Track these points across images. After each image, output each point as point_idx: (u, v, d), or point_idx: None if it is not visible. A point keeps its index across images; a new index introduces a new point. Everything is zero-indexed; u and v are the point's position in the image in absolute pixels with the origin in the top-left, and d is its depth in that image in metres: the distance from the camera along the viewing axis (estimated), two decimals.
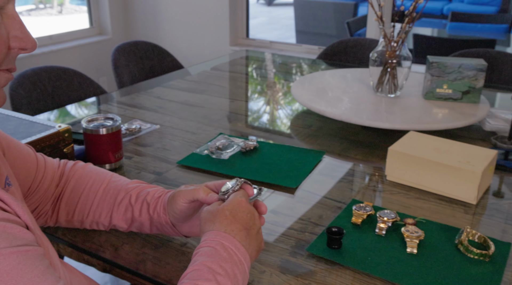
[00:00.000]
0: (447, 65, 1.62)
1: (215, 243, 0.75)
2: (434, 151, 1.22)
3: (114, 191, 0.98)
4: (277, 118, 1.77)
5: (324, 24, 6.31)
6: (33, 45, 0.66)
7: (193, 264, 0.73)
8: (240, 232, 0.78)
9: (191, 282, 0.69)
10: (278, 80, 2.24)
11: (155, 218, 0.93)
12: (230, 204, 0.81)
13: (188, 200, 0.88)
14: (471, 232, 1.00)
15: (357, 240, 1.01)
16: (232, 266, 0.73)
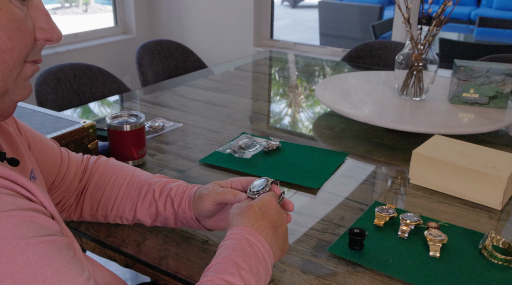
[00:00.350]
0: (474, 69, 1.60)
1: (241, 237, 0.76)
2: (459, 155, 1.21)
3: (138, 185, 0.98)
4: (299, 120, 1.76)
5: (348, 27, 6.29)
6: (58, 36, 0.66)
7: (218, 257, 0.74)
8: (266, 229, 0.79)
9: (216, 275, 0.70)
10: (301, 82, 2.24)
11: (180, 213, 0.94)
12: (260, 201, 0.82)
13: (216, 202, 0.89)
14: (495, 237, 0.99)
15: (379, 242, 1.00)
16: (256, 262, 0.74)
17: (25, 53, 0.63)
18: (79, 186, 1.00)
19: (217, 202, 0.89)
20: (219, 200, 0.89)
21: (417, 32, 1.62)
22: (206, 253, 0.97)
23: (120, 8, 4.13)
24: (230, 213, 0.82)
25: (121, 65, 4.07)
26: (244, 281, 0.71)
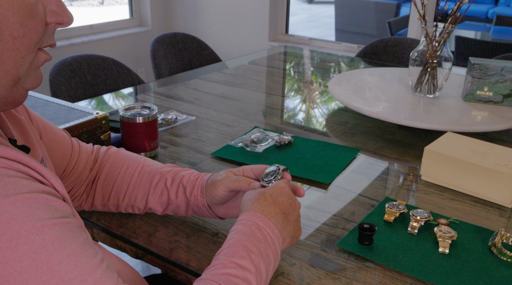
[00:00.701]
0: (489, 67, 1.59)
1: (250, 223, 0.78)
2: (471, 152, 1.21)
3: (149, 174, 1.00)
4: (312, 115, 1.76)
5: (364, 24, 6.26)
6: (70, 19, 0.66)
7: (228, 241, 0.76)
8: (276, 215, 0.81)
9: (227, 258, 0.72)
10: (316, 77, 2.24)
11: (192, 201, 0.96)
12: (272, 188, 0.84)
13: (229, 189, 0.91)
14: (505, 235, 0.98)
15: (389, 237, 1.00)
16: (265, 246, 0.76)
17: (37, 39, 0.63)
18: (89, 175, 1.01)
19: (230, 189, 0.91)
20: (232, 187, 0.90)
21: (432, 29, 1.61)
22: (216, 245, 0.98)
23: (136, 1, 4.15)
24: (243, 199, 0.85)
25: (136, 57, 4.09)
26: (254, 264, 0.73)
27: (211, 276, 0.71)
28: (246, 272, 0.72)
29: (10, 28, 0.59)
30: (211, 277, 0.70)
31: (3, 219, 0.52)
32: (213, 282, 0.69)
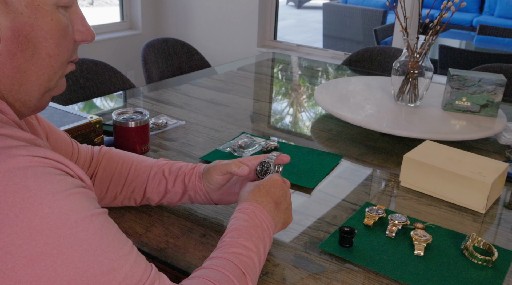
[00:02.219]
0: (467, 78, 1.66)
1: (248, 211, 0.90)
2: (448, 160, 1.27)
3: (146, 167, 1.09)
4: (298, 121, 1.82)
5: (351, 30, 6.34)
6: (93, 37, 0.75)
7: (231, 226, 0.87)
8: (269, 204, 0.93)
9: (233, 240, 0.84)
10: (303, 83, 2.30)
11: (190, 187, 1.06)
12: (266, 181, 0.96)
13: (222, 172, 1.02)
14: (476, 239, 1.05)
15: (368, 240, 1.06)
16: (261, 230, 0.88)
17: (68, 56, 0.72)
18: (87, 173, 1.08)
19: (223, 172, 1.02)
20: (224, 171, 1.01)
21: (414, 41, 1.68)
22: (204, 245, 1.03)
23: (127, 4, 4.19)
24: (242, 191, 0.97)
25: (126, 60, 4.13)
26: (255, 245, 0.85)
27: (221, 254, 0.81)
28: (249, 251, 0.83)
29: (47, 48, 0.68)
30: (221, 255, 0.81)
31: (63, 211, 0.59)
32: (223, 259, 0.80)
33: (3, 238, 0.55)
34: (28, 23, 0.66)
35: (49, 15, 0.67)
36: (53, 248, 0.58)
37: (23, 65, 0.68)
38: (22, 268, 0.56)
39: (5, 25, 0.64)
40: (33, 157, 0.59)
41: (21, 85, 0.69)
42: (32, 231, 0.57)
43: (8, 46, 0.65)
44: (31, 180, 0.58)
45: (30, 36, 0.66)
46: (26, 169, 0.58)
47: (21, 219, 0.56)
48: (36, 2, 0.66)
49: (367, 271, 0.98)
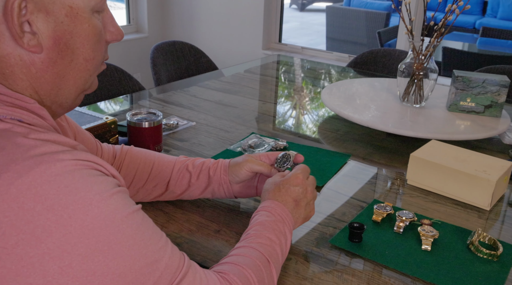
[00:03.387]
0: (471, 79, 1.70)
1: (270, 208, 0.96)
2: (453, 159, 1.31)
3: (169, 163, 1.16)
4: (305, 122, 1.86)
5: (355, 33, 6.38)
6: (122, 36, 0.79)
7: (256, 221, 0.94)
8: (288, 203, 0.99)
9: (258, 233, 0.90)
10: (309, 85, 2.34)
11: (215, 179, 1.13)
12: (286, 179, 1.02)
13: (252, 171, 1.10)
14: (482, 234, 1.08)
15: (377, 235, 1.10)
16: (283, 225, 0.95)
17: (102, 58, 0.76)
18: None
19: (253, 170, 1.10)
20: (255, 170, 1.10)
21: (419, 43, 1.72)
22: (218, 241, 1.07)
23: (133, 7, 4.24)
24: (264, 188, 1.03)
25: (133, 63, 4.17)
26: (278, 237, 0.91)
27: (247, 243, 0.88)
28: (273, 242, 0.90)
29: (84, 53, 0.72)
30: (247, 245, 0.88)
31: (110, 210, 0.63)
32: (250, 248, 0.87)
33: (60, 237, 0.59)
34: (68, 31, 0.69)
35: (86, 21, 0.71)
36: (104, 245, 0.61)
37: (62, 71, 0.71)
38: (78, 265, 0.60)
39: (47, 34, 0.68)
40: (78, 160, 0.63)
41: (60, 89, 0.73)
42: (85, 230, 0.60)
43: (49, 54, 0.69)
44: (79, 182, 0.61)
45: (69, 43, 0.70)
46: (73, 172, 0.61)
47: (74, 219, 0.60)
48: (75, 11, 0.69)
49: (376, 264, 1.01)
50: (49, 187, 0.59)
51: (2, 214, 0.57)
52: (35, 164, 0.59)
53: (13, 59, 0.67)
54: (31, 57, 0.68)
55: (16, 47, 0.67)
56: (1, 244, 0.57)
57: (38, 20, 0.66)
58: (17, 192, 0.58)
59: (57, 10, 0.67)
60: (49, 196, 0.59)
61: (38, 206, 0.58)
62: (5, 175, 0.58)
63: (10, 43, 0.66)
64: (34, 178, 0.59)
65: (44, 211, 0.58)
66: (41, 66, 0.69)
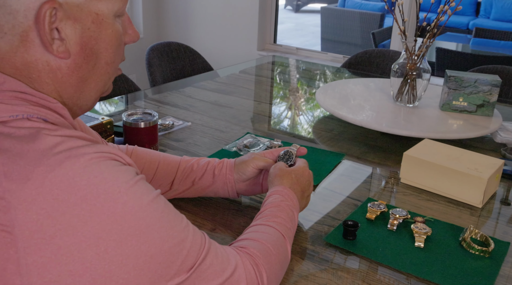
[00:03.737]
0: (463, 79, 1.72)
1: (284, 193, 1.03)
2: (445, 157, 1.33)
3: (174, 162, 1.19)
4: (300, 122, 1.88)
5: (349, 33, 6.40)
6: (138, 37, 0.83)
7: (270, 203, 1.00)
8: (297, 192, 1.07)
9: (273, 213, 0.97)
10: (302, 86, 2.36)
11: (220, 178, 1.16)
12: (296, 170, 1.10)
13: (258, 167, 1.15)
14: (474, 231, 1.10)
15: (370, 233, 1.12)
16: (294, 209, 1.02)
17: (121, 61, 0.80)
18: None
19: (259, 167, 1.14)
20: (261, 166, 1.15)
21: (412, 44, 1.74)
22: (215, 239, 1.08)
23: (129, 9, 4.25)
24: (271, 173, 1.09)
25: (128, 64, 4.17)
26: (289, 217, 0.99)
27: (264, 221, 0.94)
28: (287, 222, 0.97)
29: (106, 57, 0.76)
30: (264, 223, 0.94)
31: (137, 196, 0.66)
32: (267, 226, 0.93)
33: (95, 225, 0.62)
34: (94, 37, 0.72)
35: (110, 27, 0.74)
36: (135, 229, 0.65)
37: (85, 75, 0.74)
38: (113, 249, 0.63)
39: (74, 41, 0.70)
40: (101, 153, 0.66)
41: (82, 93, 0.76)
42: (117, 217, 0.64)
43: (75, 60, 0.72)
44: (105, 172, 0.65)
45: (94, 48, 0.73)
46: (99, 164, 0.65)
47: (106, 207, 0.63)
48: (101, 17, 0.72)
49: (370, 261, 1.03)
50: (80, 179, 0.62)
51: (38, 206, 0.60)
52: (64, 157, 0.63)
53: (41, 64, 0.70)
54: (58, 62, 0.71)
55: (44, 53, 0.69)
56: (40, 235, 0.60)
57: (67, 27, 0.69)
58: (51, 184, 0.61)
59: (84, 17, 0.70)
60: (81, 187, 0.62)
61: (72, 197, 0.62)
62: (38, 169, 0.61)
63: (39, 49, 0.69)
64: (65, 171, 0.62)
65: (78, 202, 0.62)
66: (66, 71, 0.72)
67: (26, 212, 0.60)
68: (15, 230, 0.60)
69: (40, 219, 0.60)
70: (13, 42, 0.68)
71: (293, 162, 1.15)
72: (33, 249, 0.60)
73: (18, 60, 0.69)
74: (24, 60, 0.69)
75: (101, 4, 0.72)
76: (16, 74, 0.69)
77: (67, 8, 0.68)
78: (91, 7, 0.70)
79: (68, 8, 0.68)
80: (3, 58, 0.69)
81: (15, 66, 0.69)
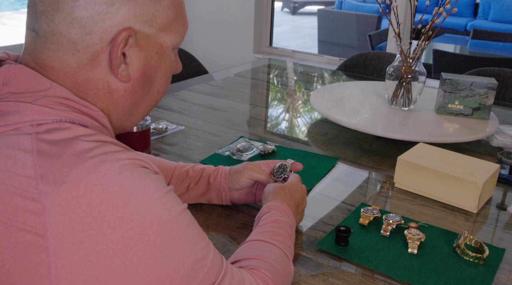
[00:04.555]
0: (459, 82, 1.70)
1: (281, 209, 1.03)
2: (440, 162, 1.31)
3: (169, 167, 1.19)
4: (295, 125, 1.86)
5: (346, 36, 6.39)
6: (181, 69, 0.86)
7: (268, 218, 0.99)
8: (292, 207, 1.07)
9: (275, 230, 0.96)
10: (298, 89, 2.34)
11: (215, 186, 1.17)
12: (289, 185, 1.10)
13: (252, 178, 1.15)
14: (468, 237, 1.09)
15: (363, 239, 1.10)
16: (292, 228, 1.02)
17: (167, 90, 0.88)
18: None
19: (253, 178, 1.15)
20: (256, 178, 1.15)
21: (406, 46, 1.73)
22: None
23: None
24: (266, 191, 1.09)
25: None
26: (289, 235, 0.98)
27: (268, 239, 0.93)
28: (288, 240, 0.96)
29: (159, 86, 0.80)
30: (268, 240, 0.92)
31: (166, 207, 0.66)
32: (271, 245, 0.92)
33: (123, 233, 0.62)
34: (154, 66, 0.76)
35: (168, 58, 0.78)
36: (161, 241, 0.65)
37: (138, 100, 0.78)
38: (138, 259, 0.63)
39: (137, 67, 0.74)
40: (134, 160, 0.67)
41: (130, 116, 0.80)
42: (145, 226, 0.64)
43: (134, 85, 0.75)
44: (138, 180, 0.65)
45: (152, 76, 0.77)
46: (132, 170, 0.65)
47: (136, 216, 0.63)
48: (164, 49, 0.77)
49: (363, 268, 1.01)
50: (113, 184, 0.63)
51: (71, 210, 0.61)
52: (99, 161, 0.63)
53: (101, 83, 0.73)
54: (117, 84, 0.74)
55: (107, 74, 0.73)
56: (71, 239, 0.60)
57: (133, 54, 0.73)
58: (85, 188, 0.61)
59: (150, 47, 0.74)
60: (114, 194, 0.62)
61: (105, 203, 0.62)
62: (74, 172, 0.62)
63: (103, 69, 0.72)
64: (100, 176, 0.62)
65: (110, 208, 0.62)
66: (123, 94, 0.75)
67: (59, 216, 0.60)
68: (47, 233, 0.60)
69: (72, 224, 0.60)
70: (82, 60, 0.71)
71: (286, 176, 1.15)
72: (63, 253, 0.60)
73: (81, 77, 0.71)
74: (86, 78, 0.72)
75: (167, 37, 0.76)
76: (74, 88, 0.72)
77: (139, 37, 0.72)
78: (158, 39, 0.75)
79: (140, 37, 0.72)
80: (68, 73, 0.71)
81: (76, 81, 0.72)
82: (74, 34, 0.69)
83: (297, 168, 1.20)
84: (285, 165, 1.17)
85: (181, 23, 0.79)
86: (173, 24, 0.77)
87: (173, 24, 0.77)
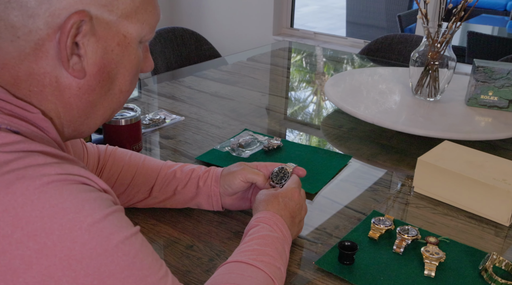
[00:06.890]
0: (494, 70, 1.51)
1: (272, 222, 0.88)
2: (467, 164, 1.13)
3: (155, 168, 1.05)
4: (306, 117, 1.69)
5: (375, 16, 6.16)
6: (152, 68, 0.75)
7: (257, 233, 0.85)
8: (287, 218, 0.91)
9: (261, 249, 0.81)
10: (315, 76, 2.17)
11: (204, 190, 1.03)
12: (284, 192, 0.94)
13: (247, 180, 0.99)
14: (498, 259, 0.91)
15: (372, 256, 0.94)
16: (284, 244, 0.87)
17: (133, 91, 0.72)
18: (95, 172, 1.03)
19: (248, 180, 0.99)
20: (250, 179, 0.99)
21: (434, 29, 1.53)
22: (189, 259, 0.93)
23: None
24: (257, 199, 0.94)
25: None
26: (280, 256, 0.83)
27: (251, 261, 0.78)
28: (276, 261, 0.81)
29: (121, 85, 0.68)
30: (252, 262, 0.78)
31: (103, 235, 0.54)
32: (255, 268, 0.77)
33: (41, 270, 0.50)
34: (115, 60, 0.65)
35: (134, 52, 0.67)
36: (94, 279, 0.53)
37: (96, 100, 0.66)
38: None
39: (93, 60, 0.62)
40: (67, 175, 0.55)
41: (87, 118, 0.68)
42: (72, 261, 0.52)
43: (89, 81, 0.64)
44: (68, 201, 0.53)
45: (112, 72, 0.65)
46: (61, 188, 0.53)
47: (59, 248, 0.51)
48: (128, 40, 0.65)
49: None
50: (31, 208, 0.51)
51: None
52: (15, 178, 0.51)
53: (48, 79, 0.61)
54: (69, 80, 0.62)
55: (56, 68, 0.61)
56: None
57: (89, 44, 0.61)
58: None
59: (111, 37, 0.63)
60: (31, 220, 0.51)
61: (18, 232, 0.50)
62: None
63: (51, 62, 0.61)
64: (14, 197, 0.51)
65: (24, 238, 0.50)
66: (76, 92, 0.64)
67: None
68: None
69: None
70: (24, 49, 0.59)
71: (286, 182, 0.99)
72: None
73: (23, 70, 0.60)
74: (29, 71, 0.60)
75: (131, 26, 0.64)
76: (14, 84, 0.61)
77: (95, 23, 0.60)
78: (120, 28, 0.63)
79: (97, 24, 0.61)
80: (6, 65, 0.60)
81: (16, 75, 0.60)
82: (13, 16, 0.57)
83: (299, 174, 1.03)
84: (285, 169, 1.01)
85: (150, 12, 0.66)
86: (139, 12, 0.64)
87: (140, 11, 0.64)
